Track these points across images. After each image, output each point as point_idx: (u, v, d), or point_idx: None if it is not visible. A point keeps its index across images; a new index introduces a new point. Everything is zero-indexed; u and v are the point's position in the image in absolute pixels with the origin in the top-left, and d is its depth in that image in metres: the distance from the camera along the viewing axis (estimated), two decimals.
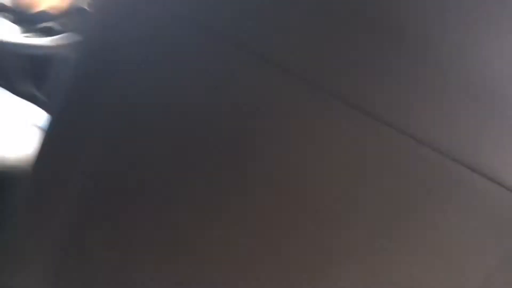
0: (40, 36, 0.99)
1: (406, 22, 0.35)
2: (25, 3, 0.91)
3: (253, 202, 0.39)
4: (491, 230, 0.38)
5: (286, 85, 0.37)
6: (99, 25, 0.47)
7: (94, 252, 0.44)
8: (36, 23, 1.01)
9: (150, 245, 0.42)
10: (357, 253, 0.38)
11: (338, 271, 0.39)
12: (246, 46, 0.37)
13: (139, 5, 0.42)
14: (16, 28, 1.00)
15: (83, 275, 0.45)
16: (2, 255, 0.52)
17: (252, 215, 0.39)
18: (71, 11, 0.99)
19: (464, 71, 0.35)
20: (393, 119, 0.36)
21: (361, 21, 0.35)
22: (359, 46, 0.36)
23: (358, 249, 0.38)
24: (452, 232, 0.38)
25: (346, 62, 0.36)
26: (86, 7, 0.98)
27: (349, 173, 0.37)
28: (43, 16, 0.97)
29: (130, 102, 0.42)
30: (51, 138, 0.49)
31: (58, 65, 1.06)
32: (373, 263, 0.38)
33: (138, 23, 0.42)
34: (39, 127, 0.50)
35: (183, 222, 0.41)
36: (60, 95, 0.49)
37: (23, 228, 0.50)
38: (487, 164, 0.36)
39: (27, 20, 1.01)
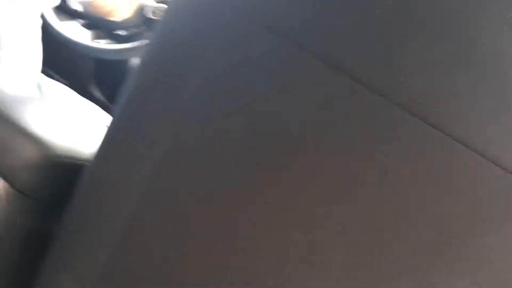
0: (109, 42, 1.03)
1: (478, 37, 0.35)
2: (98, 10, 0.95)
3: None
4: None
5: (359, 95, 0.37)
6: (167, 31, 0.48)
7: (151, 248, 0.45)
8: (106, 29, 1.06)
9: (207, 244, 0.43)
10: (410, 271, 0.37)
11: None
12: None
13: (209, 13, 0.44)
14: (87, 33, 1.04)
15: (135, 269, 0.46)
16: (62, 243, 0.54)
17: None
18: (139, 20, 1.03)
19: None
20: (462, 134, 0.35)
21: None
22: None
23: (411, 267, 0.37)
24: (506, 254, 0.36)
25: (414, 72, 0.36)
26: (152, 17, 1.01)
27: (412, 185, 0.37)
28: (113, 23, 1.01)
29: (196, 106, 0.43)
30: (113, 139, 0.51)
31: (124, 70, 1.10)
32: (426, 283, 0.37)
33: (210, 29, 0.43)
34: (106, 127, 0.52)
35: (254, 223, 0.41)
36: (125, 99, 0.51)
37: (82, 217, 0.52)
38: None
39: (98, 26, 1.06)
